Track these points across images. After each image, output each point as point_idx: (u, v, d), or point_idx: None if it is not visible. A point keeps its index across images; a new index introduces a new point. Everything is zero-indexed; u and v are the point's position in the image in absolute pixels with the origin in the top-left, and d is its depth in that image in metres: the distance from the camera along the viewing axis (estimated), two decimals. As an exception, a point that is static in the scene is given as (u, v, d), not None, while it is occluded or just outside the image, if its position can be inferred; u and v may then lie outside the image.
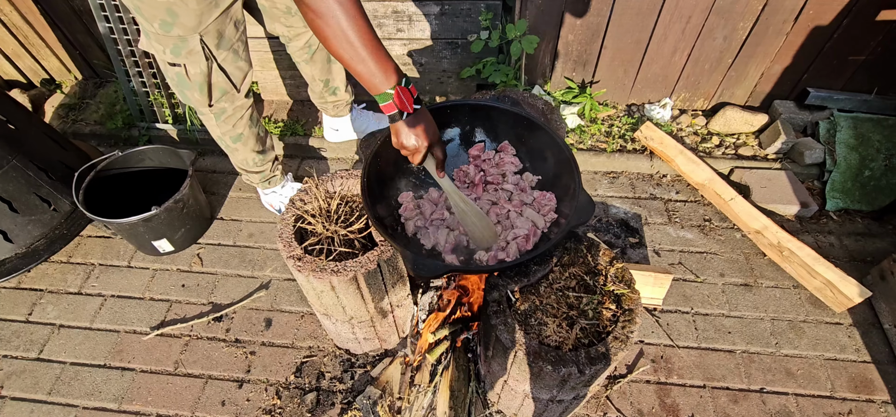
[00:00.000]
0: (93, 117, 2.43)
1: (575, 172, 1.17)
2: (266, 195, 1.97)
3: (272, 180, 1.89)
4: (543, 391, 1.15)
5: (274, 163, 1.85)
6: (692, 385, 1.53)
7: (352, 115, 2.11)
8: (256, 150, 1.72)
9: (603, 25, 2.02)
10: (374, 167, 1.23)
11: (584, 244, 1.23)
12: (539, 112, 1.54)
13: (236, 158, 1.74)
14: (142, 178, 1.96)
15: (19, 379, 1.60)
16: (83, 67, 2.58)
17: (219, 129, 1.58)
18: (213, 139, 1.69)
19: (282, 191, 1.95)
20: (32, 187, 1.78)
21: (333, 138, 2.19)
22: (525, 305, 1.14)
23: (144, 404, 1.54)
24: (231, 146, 1.67)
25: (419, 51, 2.22)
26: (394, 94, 0.97)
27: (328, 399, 1.52)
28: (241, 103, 1.55)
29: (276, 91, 2.45)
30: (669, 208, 2.00)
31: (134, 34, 2.08)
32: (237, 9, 1.38)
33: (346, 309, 1.31)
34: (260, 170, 1.80)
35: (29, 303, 1.79)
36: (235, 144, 1.66)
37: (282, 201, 1.96)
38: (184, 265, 1.89)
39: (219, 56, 1.37)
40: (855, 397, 1.49)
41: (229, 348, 1.66)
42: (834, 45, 1.92)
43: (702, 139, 2.18)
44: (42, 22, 2.36)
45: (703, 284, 1.76)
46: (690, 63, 2.09)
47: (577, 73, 2.24)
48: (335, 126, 2.14)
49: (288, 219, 1.31)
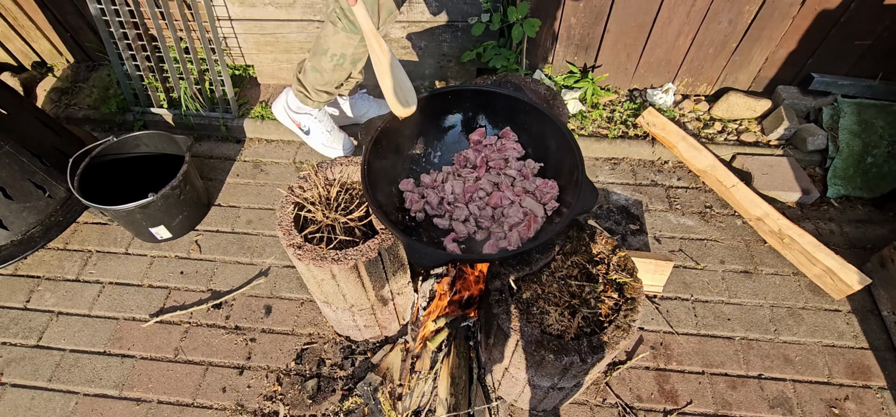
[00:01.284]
0: (86, 102, 2.39)
1: (578, 160, 1.16)
2: (308, 116, 1.95)
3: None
4: (545, 379, 1.15)
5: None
6: (691, 371, 1.54)
7: (352, 99, 2.08)
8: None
9: (606, 8, 1.98)
10: (374, 154, 1.21)
11: (587, 233, 1.22)
12: (541, 98, 1.52)
13: (334, 76, 1.68)
14: (138, 164, 1.93)
15: (19, 366, 1.60)
16: (75, 50, 2.52)
17: (351, 49, 1.55)
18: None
19: (323, 124, 1.96)
20: (26, 173, 1.75)
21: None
22: (527, 293, 1.13)
23: (145, 390, 1.54)
24: (339, 67, 1.62)
25: (419, 33, 2.18)
26: None
27: (329, 386, 1.53)
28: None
29: (273, 75, 2.40)
30: (671, 194, 1.99)
31: (126, 16, 2.03)
32: None
33: (346, 297, 1.30)
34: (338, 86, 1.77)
35: (27, 290, 1.78)
36: (342, 65, 1.61)
37: (323, 137, 1.97)
38: (182, 251, 1.88)
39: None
40: (852, 383, 1.50)
41: (229, 335, 1.65)
42: (840, 30, 1.89)
43: (704, 125, 2.16)
44: (32, 3, 2.30)
45: (704, 271, 1.76)
46: (694, 47, 2.06)
47: (579, 57, 2.20)
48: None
49: (287, 206, 1.29)
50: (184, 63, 2.17)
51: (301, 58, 1.84)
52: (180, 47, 2.13)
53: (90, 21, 2.35)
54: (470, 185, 1.28)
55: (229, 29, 2.25)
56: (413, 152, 1.40)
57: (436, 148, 1.43)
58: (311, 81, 1.73)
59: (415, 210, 1.27)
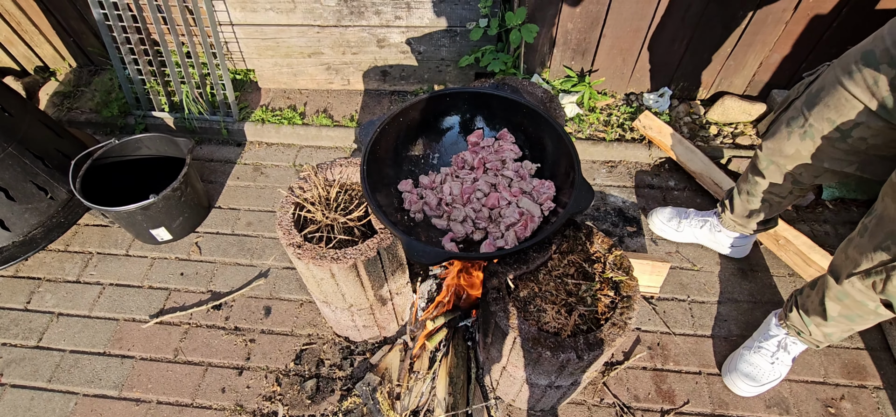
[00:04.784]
0: (88, 105, 2.41)
1: (575, 160, 1.18)
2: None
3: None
4: (542, 376, 1.16)
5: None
6: (688, 371, 1.55)
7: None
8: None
9: (602, 13, 2.01)
10: (373, 155, 1.23)
11: (583, 232, 1.23)
12: (539, 100, 1.54)
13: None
14: (139, 166, 1.95)
15: (19, 367, 1.61)
16: (77, 55, 2.55)
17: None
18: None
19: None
20: (29, 175, 1.77)
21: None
22: (524, 292, 1.15)
23: (145, 391, 1.55)
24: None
25: (418, 39, 2.21)
26: None
27: (328, 386, 1.54)
28: None
29: (274, 79, 2.43)
30: (667, 197, 2.01)
31: (129, 20, 2.06)
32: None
33: (345, 297, 1.32)
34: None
35: (27, 291, 1.79)
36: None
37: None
38: (182, 253, 1.89)
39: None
40: (847, 382, 1.51)
41: (229, 335, 1.66)
42: (833, 34, 1.92)
43: (700, 128, 2.18)
44: (35, 8, 2.32)
45: (700, 272, 1.77)
46: (689, 52, 2.09)
47: (576, 61, 2.23)
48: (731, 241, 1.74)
49: (287, 207, 1.31)
50: (185, 67, 2.19)
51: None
52: (182, 51, 2.16)
53: (93, 25, 2.38)
54: (468, 186, 1.30)
55: (230, 33, 2.27)
56: (412, 154, 1.41)
57: (434, 150, 1.45)
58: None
59: (413, 211, 1.29)
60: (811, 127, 1.18)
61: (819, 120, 1.16)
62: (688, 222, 1.79)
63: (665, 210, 1.85)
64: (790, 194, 1.40)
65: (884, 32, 1.03)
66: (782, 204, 1.46)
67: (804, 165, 1.25)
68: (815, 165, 1.23)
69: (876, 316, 1.13)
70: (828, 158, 1.19)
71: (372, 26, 2.17)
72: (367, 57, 2.30)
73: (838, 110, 1.11)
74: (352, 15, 2.13)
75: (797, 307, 1.34)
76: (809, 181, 1.30)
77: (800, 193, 1.38)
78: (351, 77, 2.40)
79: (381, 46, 2.25)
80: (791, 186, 1.36)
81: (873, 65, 1.02)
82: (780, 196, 1.42)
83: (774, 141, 1.30)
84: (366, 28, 2.18)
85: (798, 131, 1.22)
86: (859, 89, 1.06)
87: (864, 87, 1.05)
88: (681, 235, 1.81)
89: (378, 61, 2.33)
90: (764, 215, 1.52)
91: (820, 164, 1.22)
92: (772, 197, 1.44)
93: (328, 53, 2.29)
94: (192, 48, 2.17)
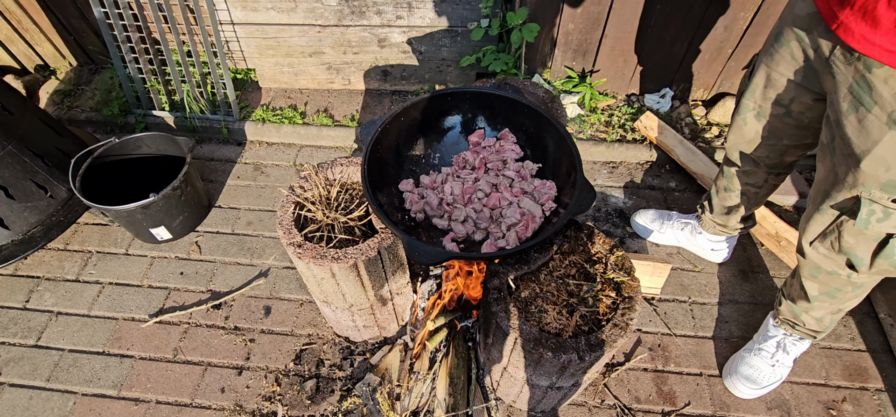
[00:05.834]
0: (88, 104, 2.41)
1: (576, 160, 1.17)
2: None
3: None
4: (543, 377, 1.16)
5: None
6: (689, 372, 1.55)
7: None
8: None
9: (604, 14, 2.00)
10: (374, 154, 1.23)
11: (584, 233, 1.23)
12: (540, 101, 1.53)
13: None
14: (139, 165, 1.94)
15: (18, 366, 1.60)
16: (78, 53, 2.54)
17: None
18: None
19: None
20: (28, 173, 1.76)
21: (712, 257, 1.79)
22: (525, 292, 1.14)
23: (144, 390, 1.54)
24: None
25: (419, 39, 2.20)
26: None
27: (328, 386, 1.53)
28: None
29: (274, 79, 2.43)
30: (668, 198, 2.01)
31: (129, 19, 2.06)
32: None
33: (346, 297, 1.31)
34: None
35: (26, 290, 1.79)
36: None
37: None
38: (182, 252, 1.88)
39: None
40: (849, 385, 1.51)
41: (228, 335, 1.66)
42: (834, 36, 1.92)
43: (701, 129, 2.18)
44: (36, 6, 2.32)
45: (701, 273, 1.77)
46: (690, 53, 2.08)
47: (578, 62, 2.23)
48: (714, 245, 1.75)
49: (287, 206, 1.30)
50: (186, 66, 2.19)
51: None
52: (183, 51, 2.16)
53: (93, 24, 2.37)
54: (469, 186, 1.30)
55: (231, 33, 2.27)
56: (413, 153, 1.41)
57: (435, 149, 1.44)
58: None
59: (414, 211, 1.28)
60: (760, 108, 1.24)
61: (765, 100, 1.21)
62: (670, 224, 1.80)
63: (648, 212, 1.86)
64: (765, 183, 1.43)
65: (785, 12, 1.11)
66: (759, 195, 1.48)
67: (766, 145, 1.30)
68: (776, 143, 1.28)
69: (853, 287, 1.15)
70: (784, 134, 1.24)
71: (373, 26, 2.17)
72: (368, 57, 2.30)
73: (774, 87, 1.17)
74: (353, 14, 2.13)
75: (784, 297, 1.37)
76: (777, 160, 1.33)
77: (774, 180, 1.42)
78: (352, 77, 2.40)
79: (382, 46, 2.25)
80: (765, 174, 1.39)
81: (785, 44, 1.10)
82: (755, 186, 1.45)
83: (735, 131, 1.35)
84: (367, 28, 2.18)
85: (751, 114, 1.27)
86: (783, 66, 1.12)
87: (786, 61, 1.11)
88: (662, 236, 1.83)
89: (379, 61, 2.32)
90: (743, 209, 1.54)
91: (780, 141, 1.26)
92: (748, 189, 1.46)
93: (329, 53, 2.29)
94: (193, 47, 2.16)
